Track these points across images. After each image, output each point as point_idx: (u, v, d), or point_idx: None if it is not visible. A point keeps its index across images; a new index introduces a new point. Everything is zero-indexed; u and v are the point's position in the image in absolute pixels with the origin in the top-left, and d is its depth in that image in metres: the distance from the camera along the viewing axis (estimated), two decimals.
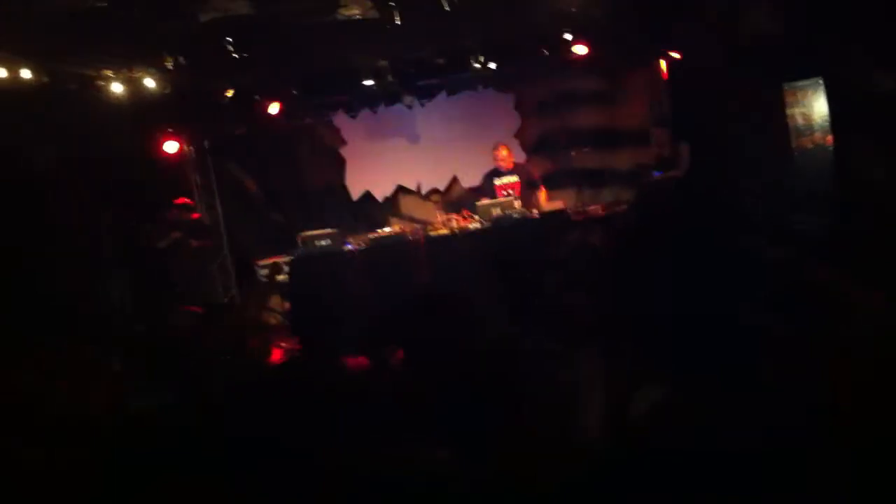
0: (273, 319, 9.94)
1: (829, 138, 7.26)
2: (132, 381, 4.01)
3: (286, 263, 8.98)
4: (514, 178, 9.23)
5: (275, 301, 9.87)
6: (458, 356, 3.28)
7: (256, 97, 9.62)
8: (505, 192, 9.10)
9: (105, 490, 2.57)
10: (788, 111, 7.78)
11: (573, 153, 9.21)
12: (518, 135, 10.44)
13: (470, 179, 10.11)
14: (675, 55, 9.19)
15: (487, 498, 2.19)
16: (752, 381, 2.38)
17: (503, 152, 9.26)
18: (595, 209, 8.99)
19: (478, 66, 9.42)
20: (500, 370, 2.92)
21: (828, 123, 7.26)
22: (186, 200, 9.48)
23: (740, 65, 8.19)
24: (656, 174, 8.86)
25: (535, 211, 8.84)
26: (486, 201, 8.89)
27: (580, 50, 9.14)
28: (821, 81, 7.26)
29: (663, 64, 9.77)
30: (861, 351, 2.44)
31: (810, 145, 7.61)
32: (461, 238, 8.54)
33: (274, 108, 9.76)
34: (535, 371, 2.94)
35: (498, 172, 9.30)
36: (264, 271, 9.27)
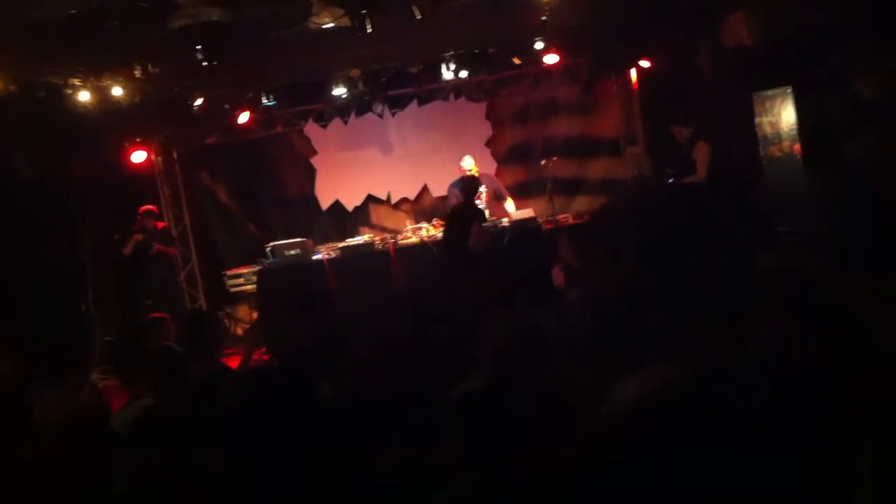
0: (239, 330, 9.85)
1: (797, 147, 7.33)
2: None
3: (255, 273, 8.87)
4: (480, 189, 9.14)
5: (242, 311, 9.79)
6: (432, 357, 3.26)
7: (226, 106, 9.52)
8: None
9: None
10: (756, 120, 7.85)
11: (543, 162, 9.19)
12: (490, 144, 10.44)
13: (440, 189, 10.07)
14: (646, 63, 9.24)
15: (487, 498, 2.16)
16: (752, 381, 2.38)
17: (469, 163, 9.10)
18: (565, 218, 9.00)
19: (449, 75, 9.42)
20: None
21: (795, 132, 7.33)
22: (150, 207, 9.29)
23: (712, 73, 8.24)
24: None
25: (504, 220, 8.83)
26: None
27: (551, 59, 9.16)
28: (789, 90, 7.32)
29: (634, 73, 9.82)
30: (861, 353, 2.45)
31: (778, 154, 7.67)
32: (430, 246, 8.50)
33: (244, 117, 9.68)
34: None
35: None
36: (234, 281, 9.15)
